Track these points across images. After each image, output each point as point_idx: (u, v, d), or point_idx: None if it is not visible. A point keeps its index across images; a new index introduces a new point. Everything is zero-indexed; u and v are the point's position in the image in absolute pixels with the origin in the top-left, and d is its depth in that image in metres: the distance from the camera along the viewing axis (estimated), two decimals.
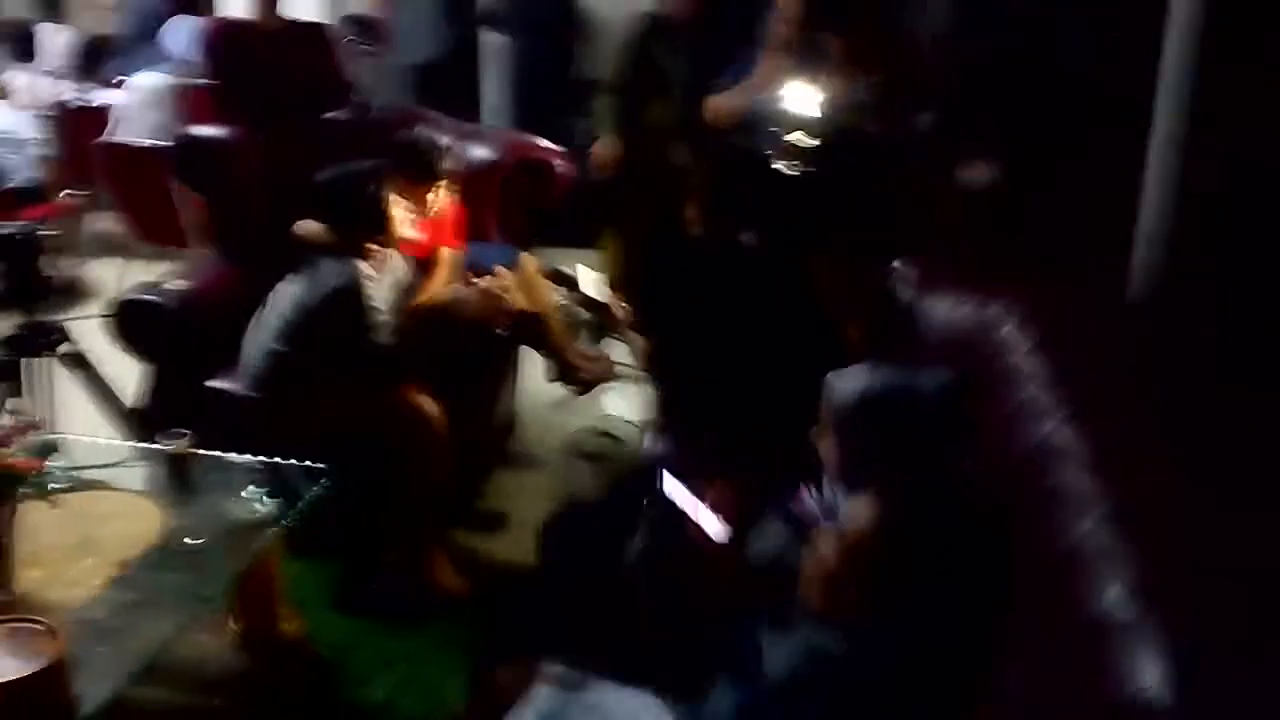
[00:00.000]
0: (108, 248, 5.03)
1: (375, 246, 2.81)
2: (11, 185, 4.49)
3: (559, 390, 3.42)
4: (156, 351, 3.05)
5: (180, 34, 5.10)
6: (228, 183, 3.35)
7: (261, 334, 2.83)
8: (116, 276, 4.77)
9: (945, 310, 2.11)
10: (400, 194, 2.87)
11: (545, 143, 3.50)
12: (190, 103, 4.69)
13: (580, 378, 3.33)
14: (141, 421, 2.98)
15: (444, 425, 2.75)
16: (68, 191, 4.83)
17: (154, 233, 4.41)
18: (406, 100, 6.01)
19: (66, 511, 2.21)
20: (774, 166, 3.11)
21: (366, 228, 2.80)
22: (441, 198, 3.07)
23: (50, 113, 5.05)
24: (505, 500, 3.33)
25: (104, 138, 4.62)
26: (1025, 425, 1.49)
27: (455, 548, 2.94)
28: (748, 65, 3.52)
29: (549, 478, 3.47)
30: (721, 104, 3.52)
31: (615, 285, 3.66)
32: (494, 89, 5.97)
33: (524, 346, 3.39)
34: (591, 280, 3.14)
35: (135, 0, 5.72)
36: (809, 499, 1.93)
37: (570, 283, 3.09)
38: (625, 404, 3.64)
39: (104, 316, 3.10)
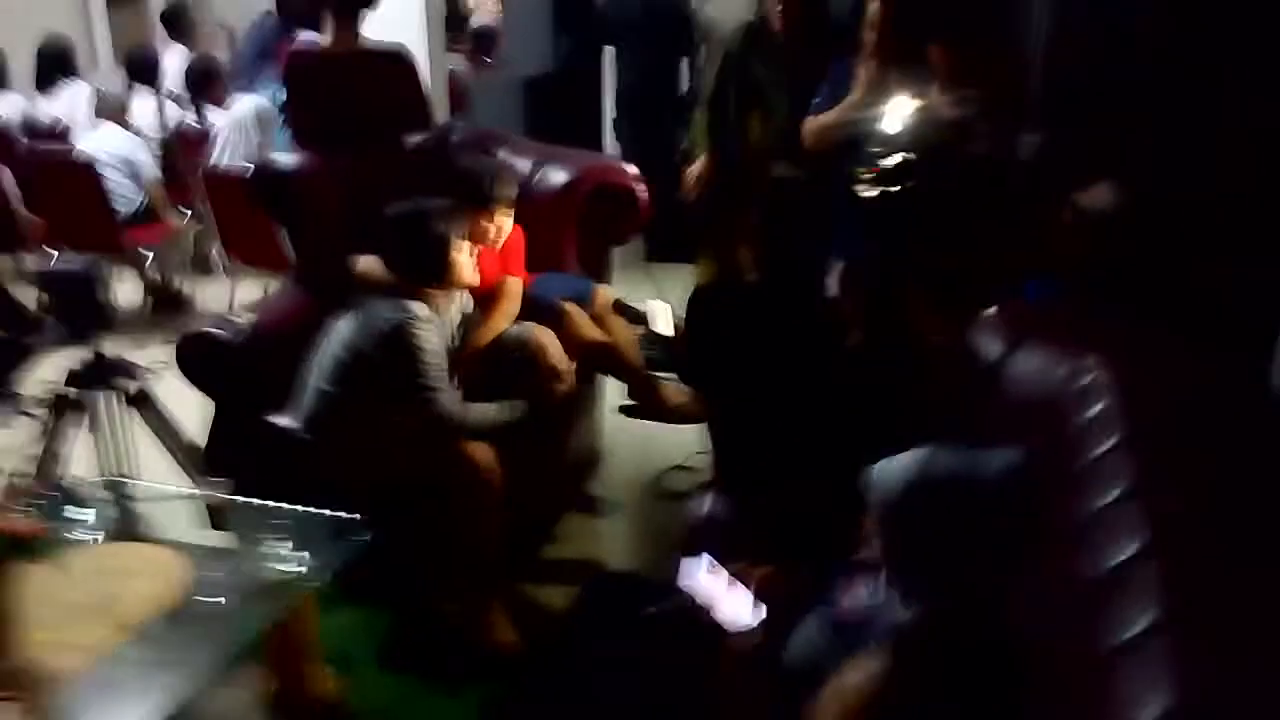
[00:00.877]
0: (220, 268, 5.10)
1: (435, 291, 2.68)
2: (119, 209, 4.57)
3: (650, 425, 3.22)
4: (221, 388, 2.98)
5: None
6: (304, 212, 3.27)
7: (314, 373, 2.73)
8: (224, 296, 4.86)
9: (1034, 371, 1.80)
10: (463, 229, 2.71)
11: (628, 167, 3.29)
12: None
13: (662, 409, 3.13)
14: (207, 461, 2.92)
15: (498, 475, 2.59)
16: (180, 209, 4.92)
17: (250, 256, 4.41)
18: (517, 115, 5.96)
19: (88, 568, 2.14)
20: (865, 193, 2.84)
21: (428, 274, 2.66)
22: (503, 225, 2.91)
23: (162, 135, 5.15)
24: (580, 547, 3.15)
25: (204, 161, 4.66)
26: (1101, 543, 1.20)
27: (517, 601, 2.77)
28: (847, 80, 3.24)
29: (629, 522, 3.28)
30: (818, 124, 3.25)
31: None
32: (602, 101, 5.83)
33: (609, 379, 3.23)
34: (663, 315, 2.91)
35: (255, 19, 5.79)
36: (859, 596, 1.67)
37: (639, 318, 2.87)
38: None
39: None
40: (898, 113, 2.93)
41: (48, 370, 2.85)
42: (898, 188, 2.79)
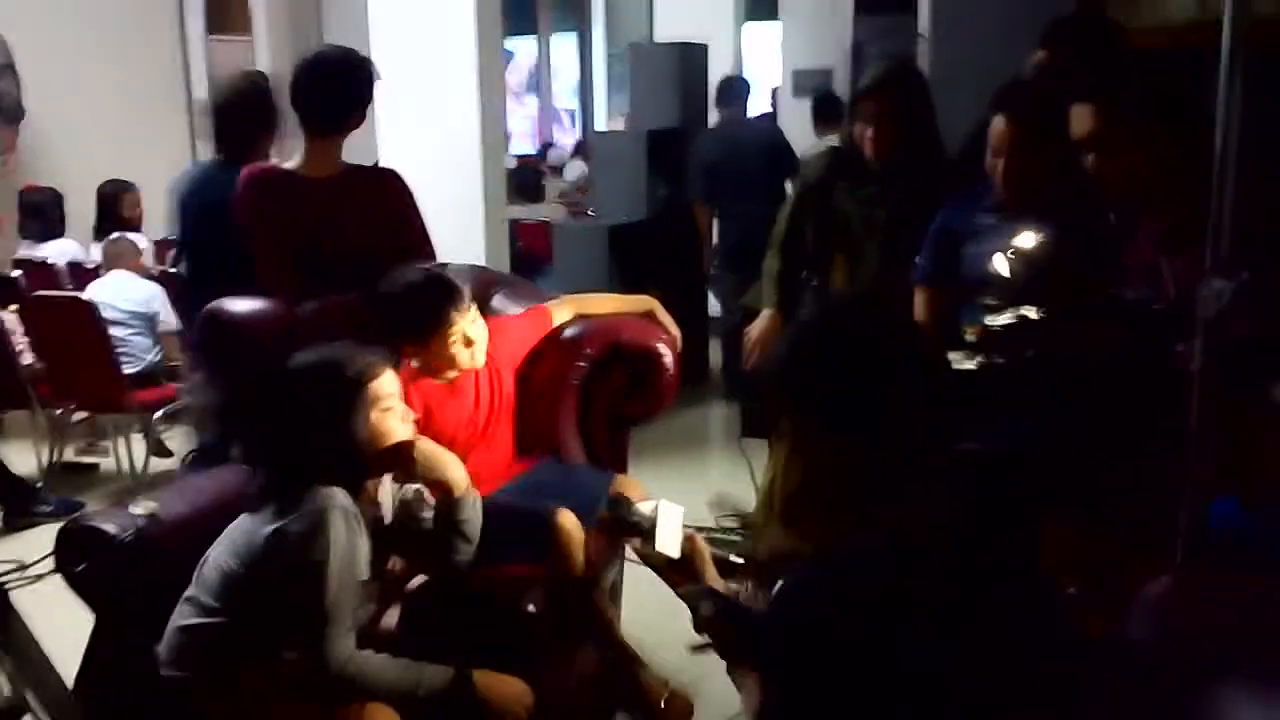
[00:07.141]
0: None
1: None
2: (126, 367, 4.06)
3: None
4: (104, 602, 2.26)
5: None
6: (251, 371, 2.61)
7: (195, 587, 2.00)
8: None
9: None
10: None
11: (663, 320, 2.52)
12: None
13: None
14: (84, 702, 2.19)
15: None
16: None
17: None
18: (604, 262, 5.37)
19: None
20: (961, 364, 1.98)
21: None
22: (478, 337, 2.23)
23: None
24: None
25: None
26: None
27: None
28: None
29: None
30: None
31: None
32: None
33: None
34: (672, 528, 2.00)
35: None
36: None
37: (637, 527, 1.98)
38: None
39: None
40: (1024, 242, 2.09)
41: None
42: (1006, 359, 1.91)
